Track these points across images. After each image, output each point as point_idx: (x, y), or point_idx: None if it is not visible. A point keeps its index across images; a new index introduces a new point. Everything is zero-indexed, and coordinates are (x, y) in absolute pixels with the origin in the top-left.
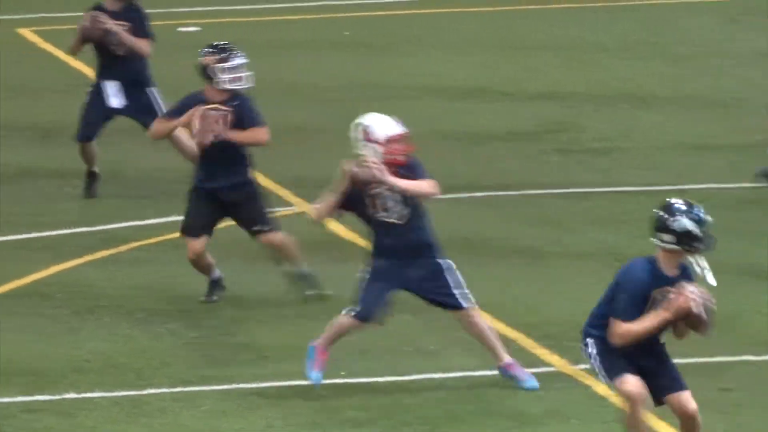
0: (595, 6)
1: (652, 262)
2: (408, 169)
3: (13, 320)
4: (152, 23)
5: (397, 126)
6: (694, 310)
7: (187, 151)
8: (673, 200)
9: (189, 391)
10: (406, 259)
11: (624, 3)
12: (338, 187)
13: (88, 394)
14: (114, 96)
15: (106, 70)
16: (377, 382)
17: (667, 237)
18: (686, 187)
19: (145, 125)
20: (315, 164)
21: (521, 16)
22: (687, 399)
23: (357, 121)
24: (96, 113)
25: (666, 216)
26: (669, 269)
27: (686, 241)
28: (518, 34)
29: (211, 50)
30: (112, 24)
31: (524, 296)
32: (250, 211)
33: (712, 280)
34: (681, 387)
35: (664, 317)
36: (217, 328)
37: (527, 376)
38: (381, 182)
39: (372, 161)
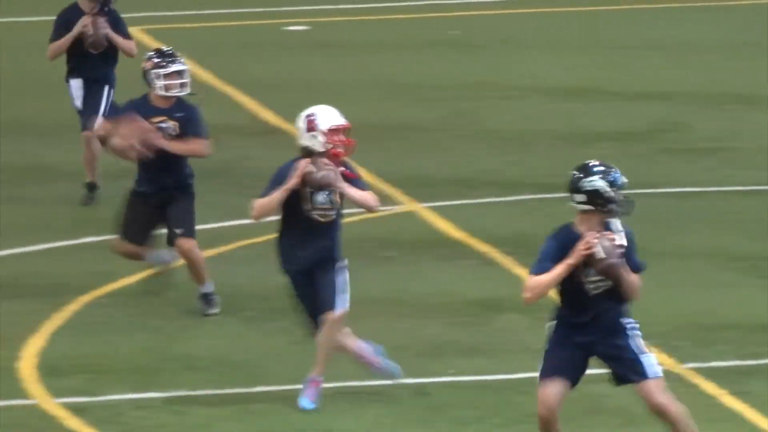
0: (699, 5)
1: (568, 225)
2: (352, 181)
3: (124, 318)
4: (260, 22)
5: (340, 118)
6: (595, 252)
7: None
8: (591, 161)
9: (299, 389)
10: (317, 254)
11: (728, 3)
12: (289, 185)
13: (199, 392)
14: (77, 98)
15: (75, 70)
16: (486, 380)
17: (579, 197)
18: None
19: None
20: (421, 163)
21: (625, 15)
22: (649, 389)
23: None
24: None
25: (580, 176)
26: (585, 230)
27: (597, 201)
28: (623, 34)
29: (151, 55)
30: (110, 30)
31: None
32: (181, 212)
33: (622, 240)
34: (642, 377)
35: (567, 263)
36: None
37: (310, 397)
38: (336, 187)
39: (330, 165)
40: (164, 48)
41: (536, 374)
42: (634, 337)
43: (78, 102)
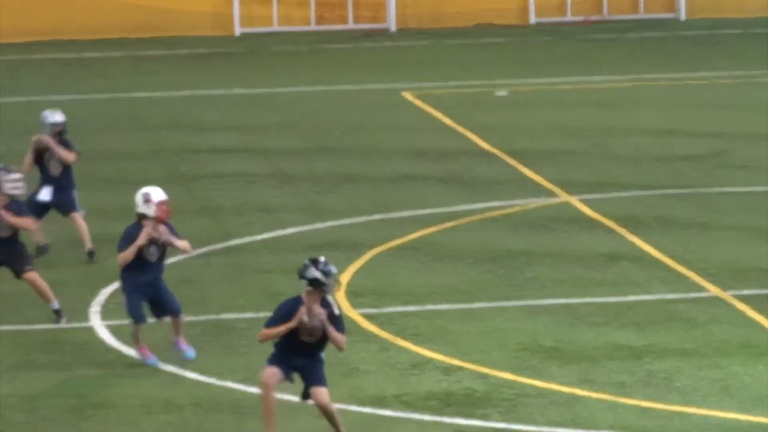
0: (740, 82)
1: (298, 298)
2: (171, 230)
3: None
4: (479, 90)
5: (163, 194)
6: (304, 321)
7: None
8: (317, 257)
9: None
10: (153, 284)
11: (760, 80)
12: (142, 240)
13: None
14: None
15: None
16: None
17: (304, 282)
18: None
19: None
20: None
21: (695, 86)
22: (321, 393)
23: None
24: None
25: (306, 266)
26: (311, 302)
27: (316, 284)
28: (695, 98)
29: None
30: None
31: None
32: (16, 255)
33: (336, 309)
34: (319, 383)
35: (287, 325)
36: None
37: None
38: (167, 241)
39: (162, 228)
40: None
41: None
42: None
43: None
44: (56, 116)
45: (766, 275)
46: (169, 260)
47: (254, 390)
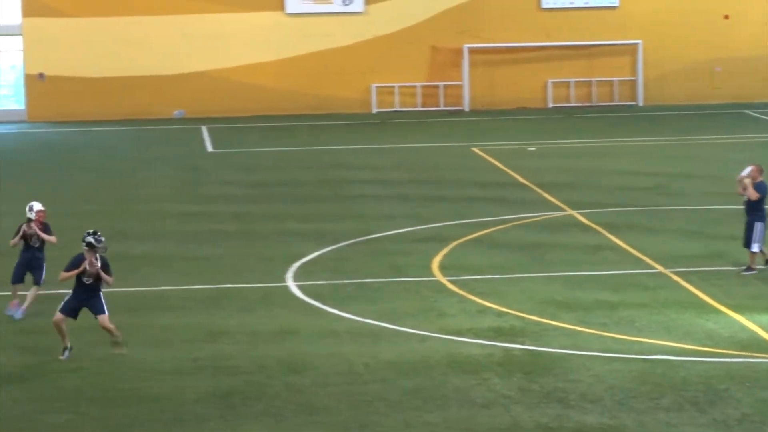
0: None
1: (81, 253)
2: (45, 228)
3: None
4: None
5: (40, 205)
6: (87, 268)
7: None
8: (94, 231)
9: None
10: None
11: None
12: (20, 235)
13: None
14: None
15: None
16: None
17: (83, 244)
18: None
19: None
20: None
21: None
22: (103, 320)
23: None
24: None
25: (87, 235)
26: (88, 256)
27: (91, 246)
28: None
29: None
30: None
31: None
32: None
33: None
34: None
35: (79, 269)
36: None
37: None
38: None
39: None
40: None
41: None
42: (103, 297)
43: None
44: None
45: (690, 260)
46: (330, 247)
47: (382, 323)
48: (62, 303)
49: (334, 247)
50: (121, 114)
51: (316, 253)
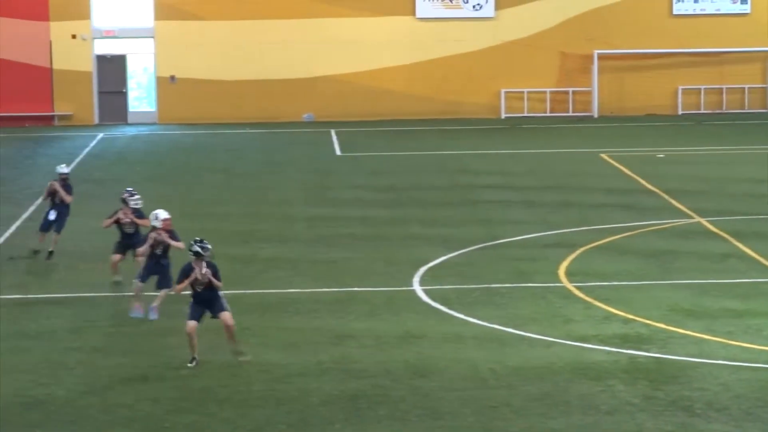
0: None
1: (190, 262)
2: (172, 235)
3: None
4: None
5: (166, 213)
6: (198, 277)
7: None
8: (201, 239)
9: None
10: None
11: None
12: (149, 243)
13: None
14: (51, 216)
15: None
16: None
17: (191, 253)
18: None
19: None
20: None
21: None
22: (226, 317)
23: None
24: (45, 220)
25: (193, 243)
26: (197, 265)
27: (198, 255)
28: None
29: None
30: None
31: None
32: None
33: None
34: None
35: (189, 279)
36: None
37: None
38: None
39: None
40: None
41: None
42: (223, 298)
43: (52, 216)
44: (63, 169)
45: None
46: (457, 252)
47: (508, 328)
48: (189, 312)
49: (460, 251)
50: (250, 117)
51: (442, 258)
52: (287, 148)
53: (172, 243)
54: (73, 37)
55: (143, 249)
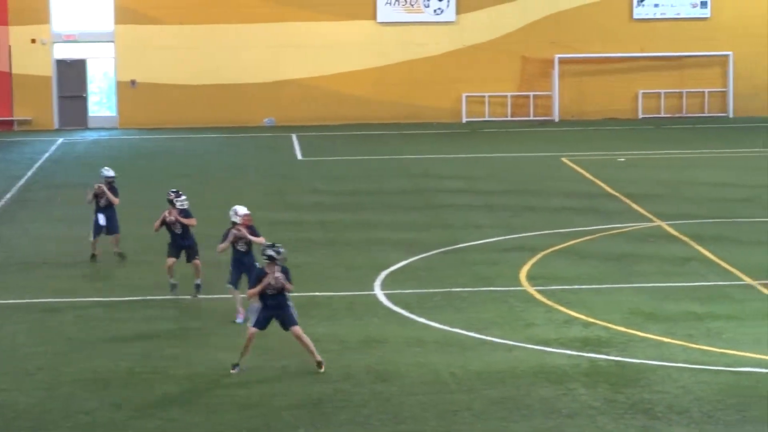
0: None
1: (263, 267)
2: (252, 230)
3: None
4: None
5: (245, 209)
6: (271, 282)
7: None
8: (276, 244)
9: None
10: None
11: None
12: (229, 239)
13: None
14: (102, 221)
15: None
16: None
17: (264, 257)
18: None
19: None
20: None
21: None
22: (297, 332)
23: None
24: (96, 225)
25: (266, 248)
26: (270, 269)
27: (273, 259)
28: None
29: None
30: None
31: None
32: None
33: (283, 273)
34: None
35: (262, 285)
36: None
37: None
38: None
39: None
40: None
41: None
42: (292, 307)
43: (102, 221)
44: (109, 172)
45: None
46: (418, 256)
47: (469, 332)
48: (254, 318)
49: (422, 256)
50: (211, 121)
51: (404, 262)
52: (248, 153)
53: (253, 239)
54: (33, 41)
55: (223, 245)
